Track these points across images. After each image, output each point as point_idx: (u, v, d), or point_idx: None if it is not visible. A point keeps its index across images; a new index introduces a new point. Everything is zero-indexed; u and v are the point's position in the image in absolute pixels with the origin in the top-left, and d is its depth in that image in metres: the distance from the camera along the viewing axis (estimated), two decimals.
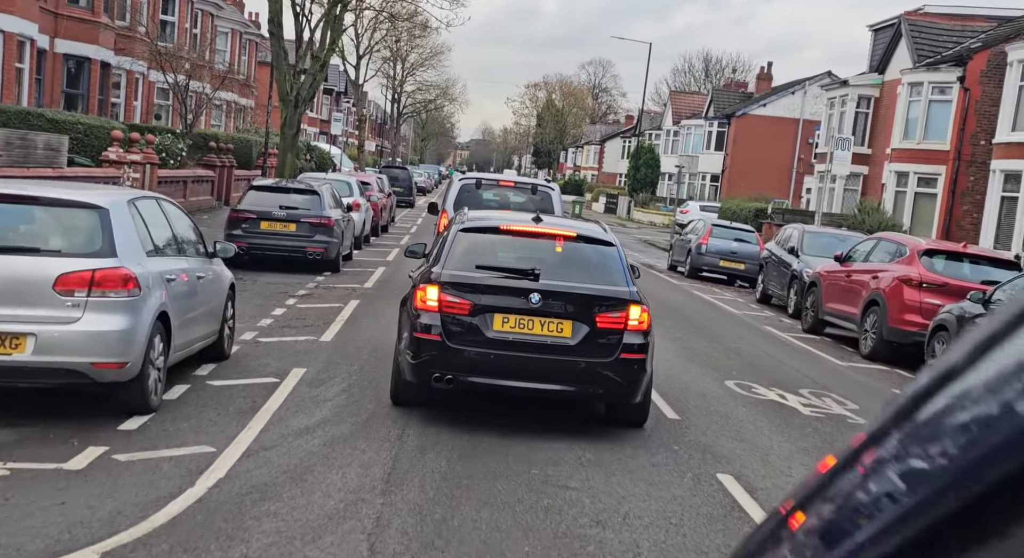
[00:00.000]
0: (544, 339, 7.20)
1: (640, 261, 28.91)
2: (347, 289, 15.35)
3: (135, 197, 7.48)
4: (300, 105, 26.42)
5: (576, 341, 7.22)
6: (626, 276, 7.69)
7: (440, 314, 7.22)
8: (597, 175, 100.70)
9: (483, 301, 7.24)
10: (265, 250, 16.68)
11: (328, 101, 76.29)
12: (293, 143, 26.51)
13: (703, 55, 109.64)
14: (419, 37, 54.95)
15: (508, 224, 8.04)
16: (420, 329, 7.24)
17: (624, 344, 7.27)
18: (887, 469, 0.78)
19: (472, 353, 7.18)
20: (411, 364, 7.35)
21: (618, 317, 7.29)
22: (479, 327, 7.21)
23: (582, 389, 7.40)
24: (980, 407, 0.71)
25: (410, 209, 44.76)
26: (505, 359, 7.17)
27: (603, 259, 7.82)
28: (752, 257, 24.26)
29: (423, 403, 7.90)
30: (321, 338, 10.91)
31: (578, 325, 7.25)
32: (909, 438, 0.77)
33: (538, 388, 7.34)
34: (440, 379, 7.24)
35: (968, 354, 0.76)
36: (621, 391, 7.45)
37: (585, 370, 7.24)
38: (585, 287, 7.42)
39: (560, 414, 8.27)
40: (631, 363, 7.30)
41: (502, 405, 8.17)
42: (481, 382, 7.28)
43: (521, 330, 7.21)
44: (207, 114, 39.82)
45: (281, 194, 17.21)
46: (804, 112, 54.77)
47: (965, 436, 0.71)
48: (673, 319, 16.11)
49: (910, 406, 0.79)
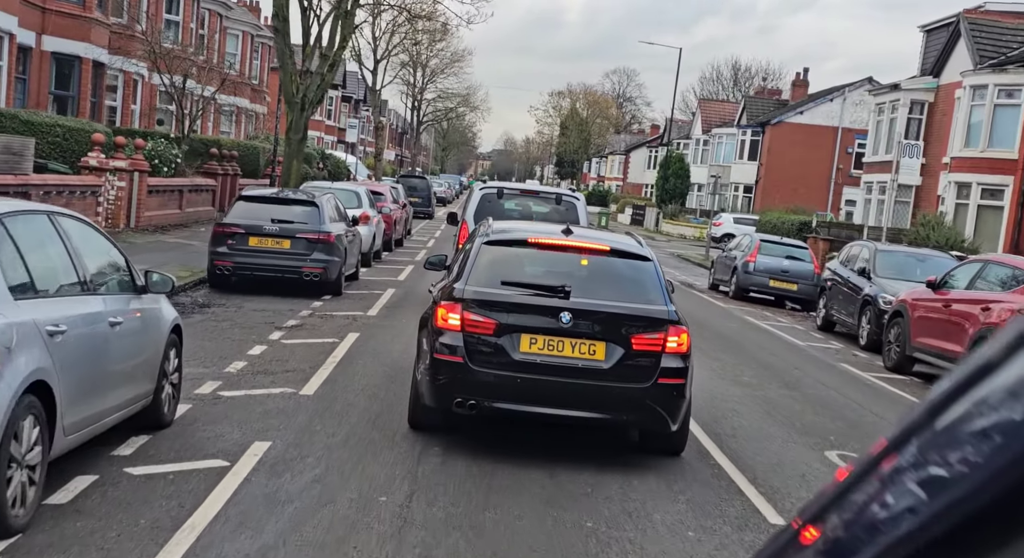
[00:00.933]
0: (575, 362, 6.74)
1: (676, 279, 26.45)
2: (347, 318, 12.99)
3: (4, 212, 5.12)
4: (307, 108, 24.17)
5: (610, 364, 6.76)
6: (664, 294, 7.13)
7: (463, 334, 6.77)
8: (622, 186, 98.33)
9: (509, 320, 6.79)
10: (254, 270, 14.36)
11: (347, 109, 74.36)
12: (300, 149, 24.26)
13: (731, 63, 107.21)
14: (440, 40, 52.76)
15: (536, 236, 7.51)
16: (441, 350, 6.78)
17: (662, 368, 6.78)
18: (906, 477, 0.77)
19: (497, 376, 6.73)
20: (431, 387, 6.90)
21: (656, 338, 6.82)
22: (505, 348, 6.74)
23: (616, 416, 6.91)
24: (1002, 413, 0.70)
25: (429, 220, 42.50)
26: (533, 383, 6.70)
27: (639, 275, 7.27)
28: (805, 276, 21.75)
29: (443, 428, 7.33)
30: (302, 391, 8.51)
31: (612, 347, 6.78)
32: (929, 445, 0.76)
33: (568, 415, 6.86)
34: (462, 404, 6.77)
35: (995, 357, 0.74)
36: (658, 419, 6.92)
37: (619, 396, 6.77)
38: (620, 306, 6.93)
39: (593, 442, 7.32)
40: (670, 388, 6.83)
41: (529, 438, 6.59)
42: (506, 408, 6.81)
43: (550, 352, 6.75)
44: (215, 120, 37.84)
45: (274, 206, 14.88)
46: (843, 120, 52.13)
47: (986, 442, 0.70)
48: (733, 354, 13.63)
49: (930, 413, 0.78)
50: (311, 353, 10.27)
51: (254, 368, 9.29)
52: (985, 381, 0.74)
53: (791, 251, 22.47)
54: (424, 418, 7.32)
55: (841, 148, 52.39)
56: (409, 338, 11.70)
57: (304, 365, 9.60)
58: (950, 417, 0.76)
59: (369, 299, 15.13)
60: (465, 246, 8.12)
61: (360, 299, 15.04)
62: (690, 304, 19.84)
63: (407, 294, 16.30)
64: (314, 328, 11.95)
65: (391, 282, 17.83)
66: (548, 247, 7.38)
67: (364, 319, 13.06)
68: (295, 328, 11.82)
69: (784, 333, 17.02)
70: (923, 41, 35.81)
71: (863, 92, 52.28)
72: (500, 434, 7.51)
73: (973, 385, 0.75)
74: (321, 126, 63.00)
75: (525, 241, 7.46)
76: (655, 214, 59.48)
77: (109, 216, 19.58)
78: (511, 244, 7.48)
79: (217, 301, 13.44)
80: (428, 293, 8.77)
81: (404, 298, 15.72)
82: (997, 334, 0.79)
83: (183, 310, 12.24)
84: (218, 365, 9.24)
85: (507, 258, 7.37)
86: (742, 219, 48.37)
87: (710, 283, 24.95)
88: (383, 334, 11.96)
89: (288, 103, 24.28)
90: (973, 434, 0.72)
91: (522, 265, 7.38)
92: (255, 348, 10.29)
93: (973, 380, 0.76)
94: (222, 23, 38.44)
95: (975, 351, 0.81)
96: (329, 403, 8.16)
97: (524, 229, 8.09)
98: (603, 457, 7.28)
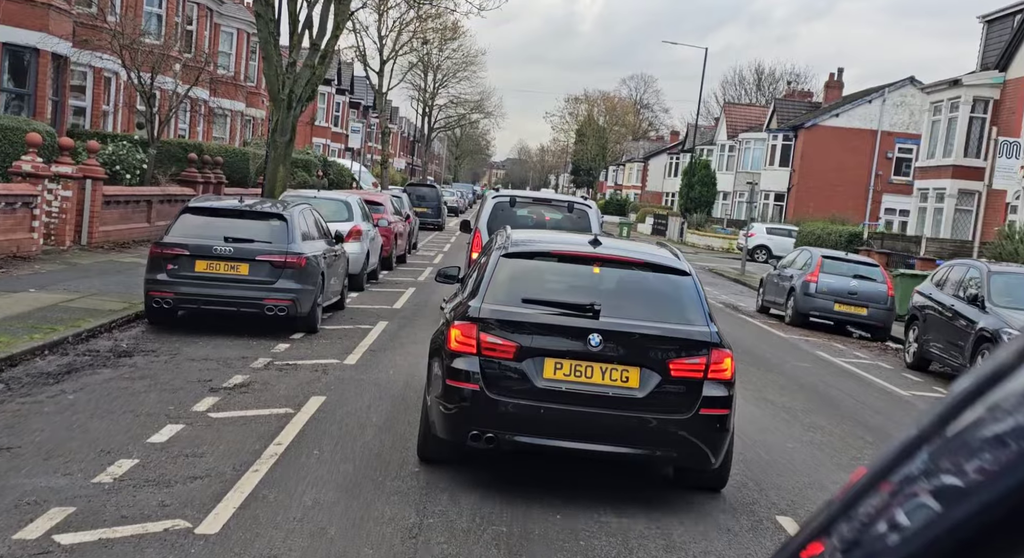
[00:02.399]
0: (606, 390, 6.00)
1: (717, 299, 23.14)
2: (315, 370, 9.74)
3: None
4: (295, 106, 21.00)
5: (645, 393, 6.01)
6: (705, 313, 6.33)
7: (479, 358, 6.04)
8: (640, 194, 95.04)
9: (531, 343, 6.06)
10: (201, 303, 11.16)
11: (355, 115, 71.33)
12: (287, 153, 21.08)
13: (754, 67, 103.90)
14: (451, 39, 49.60)
15: (561, 248, 6.83)
16: (455, 376, 6.06)
17: (704, 397, 6.03)
18: (916, 487, 0.75)
19: (518, 406, 5.98)
20: (443, 417, 6.16)
21: (696, 364, 6.06)
22: (527, 374, 6.02)
23: (652, 451, 6.09)
24: (1018, 417, 0.68)
25: (439, 232, 39.30)
26: (558, 414, 5.96)
27: (676, 292, 6.50)
28: (877, 299, 18.40)
29: (456, 461, 6.59)
30: (200, 528, 5.22)
31: (647, 373, 6.05)
32: (940, 452, 0.74)
33: (598, 450, 6.09)
34: (479, 437, 6.00)
35: (1008, 364, 0.73)
36: (699, 454, 6.09)
37: (656, 428, 5.99)
38: (656, 326, 6.15)
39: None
40: (712, 420, 6.05)
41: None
42: (529, 442, 6.04)
43: (578, 379, 6.02)
44: (206, 125, 34.80)
45: (230, 220, 11.65)
46: (883, 122, 48.65)
47: (1001, 448, 0.68)
48: (828, 415, 10.25)
49: (940, 420, 0.76)
50: (244, 438, 7.01)
51: (144, 474, 6.02)
52: (999, 386, 0.71)
53: (859, 269, 19.10)
54: (436, 450, 6.62)
55: (880, 153, 48.92)
56: (397, 401, 8.47)
57: (225, 464, 6.34)
58: (962, 423, 0.73)
59: (352, 337, 11.89)
60: (480, 258, 7.39)
61: (340, 338, 11.79)
62: (742, 333, 16.56)
63: (403, 327, 13.06)
64: (264, 389, 8.69)
65: (384, 312, 14.58)
66: (574, 259, 6.67)
67: (338, 371, 9.81)
68: (237, 390, 8.57)
69: (871, 375, 13.66)
70: (983, 33, 32.39)
71: (904, 92, 48.89)
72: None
73: (987, 390, 0.72)
74: (327, 133, 60.01)
75: (548, 254, 6.78)
76: (679, 224, 56.00)
77: (51, 232, 16.44)
78: (533, 256, 6.74)
79: (147, 346, 10.22)
80: (440, 309, 7.89)
81: (397, 334, 12.48)
82: (1010, 340, 0.75)
83: (91, 362, 9.04)
84: (87, 468, 6.00)
85: (528, 272, 6.67)
86: (776, 229, 44.97)
87: (759, 305, 21.59)
88: (359, 397, 8.70)
89: (273, 100, 21.13)
90: (987, 440, 0.69)
91: (545, 280, 6.68)
92: (164, 430, 7.04)
93: (987, 385, 0.72)
94: (212, 19, 35.40)
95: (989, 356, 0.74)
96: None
97: (547, 240, 7.38)
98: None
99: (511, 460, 6.74)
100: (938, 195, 31.37)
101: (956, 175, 30.32)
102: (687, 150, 74.59)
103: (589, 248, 6.68)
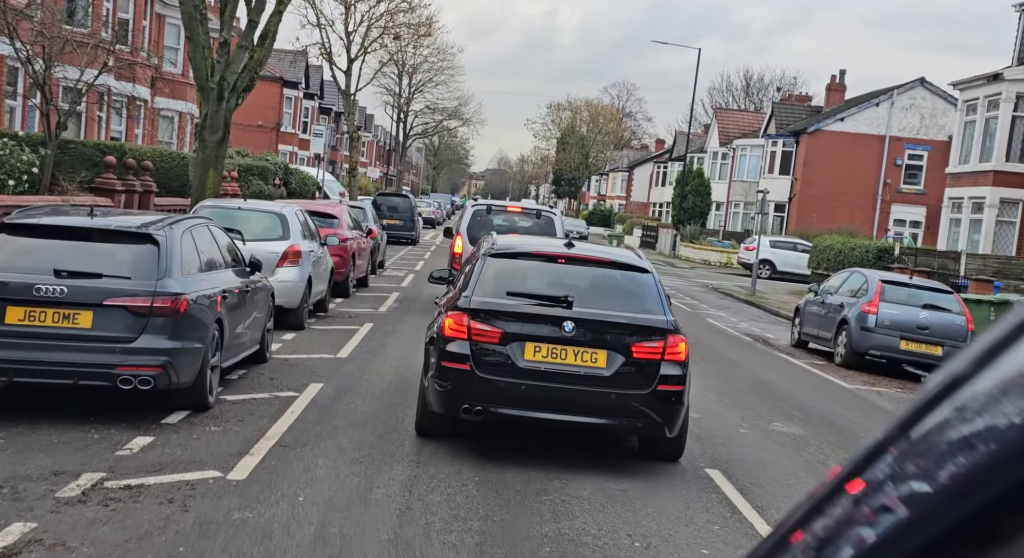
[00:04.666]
0: (577, 369, 6.99)
1: (736, 327, 19.36)
2: (174, 490, 5.79)
3: None
4: (228, 97, 17.06)
5: (611, 372, 7.01)
6: (663, 304, 7.38)
7: (470, 342, 7.00)
8: (625, 205, 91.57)
9: (514, 329, 7.04)
10: (13, 374, 7.18)
11: (326, 122, 67.25)
12: (218, 154, 17.12)
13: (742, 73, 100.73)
14: (424, 35, 45.64)
15: (539, 249, 7.98)
16: (448, 358, 7.01)
17: (661, 375, 7.04)
18: (883, 488, 0.74)
19: (503, 383, 6.96)
20: (439, 394, 7.11)
21: (655, 347, 7.07)
22: (510, 356, 6.99)
23: (617, 422, 7.16)
24: (984, 418, 0.67)
25: (413, 247, 35.36)
26: (537, 390, 6.95)
27: (639, 286, 7.55)
28: (955, 335, 14.67)
29: (450, 434, 7.54)
30: None
31: (613, 355, 7.04)
32: (906, 454, 0.74)
33: (571, 421, 7.10)
34: (469, 410, 6.99)
35: (971, 364, 0.72)
36: (656, 425, 7.15)
37: (620, 402, 7.01)
38: (621, 315, 7.17)
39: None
40: (668, 395, 7.08)
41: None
42: (511, 414, 7.06)
43: (553, 360, 7.01)
44: (150, 127, 30.74)
45: (68, 244, 7.67)
46: (891, 127, 45.16)
47: (967, 449, 0.68)
48: None
49: (908, 421, 0.76)
50: None
51: None
52: (964, 387, 0.71)
53: (928, 297, 15.33)
54: (432, 424, 7.48)
55: (889, 159, 45.44)
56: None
57: None
58: (927, 426, 0.72)
59: (262, 416, 7.94)
60: (470, 259, 8.44)
61: (241, 420, 7.82)
62: (789, 381, 12.91)
63: (343, 394, 9.12)
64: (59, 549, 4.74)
65: (323, 365, 10.62)
66: (551, 259, 7.72)
67: (213, 496, 5.85)
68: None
69: None
70: (1020, 22, 28.91)
71: (914, 95, 45.48)
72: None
73: (952, 391, 0.72)
74: (294, 139, 55.99)
75: (528, 254, 7.81)
76: (671, 236, 52.17)
77: None
78: (515, 256, 7.75)
79: None
80: (435, 305, 9.04)
81: (332, 407, 8.54)
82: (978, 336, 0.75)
83: None
84: None
85: (511, 270, 7.61)
86: (780, 242, 41.33)
87: (795, 338, 17.78)
88: None
89: (201, 89, 17.16)
90: (953, 443, 0.68)
91: (526, 276, 7.62)
92: None
93: (952, 386, 0.72)
94: (153, 8, 31.37)
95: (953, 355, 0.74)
96: None
97: (527, 243, 8.45)
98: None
99: (495, 433, 7.54)
100: (975, 205, 27.79)
101: (997, 182, 26.76)
102: (676, 158, 71.06)
103: (564, 249, 7.76)
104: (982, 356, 0.71)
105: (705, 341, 16.25)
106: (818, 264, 30.62)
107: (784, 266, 39.51)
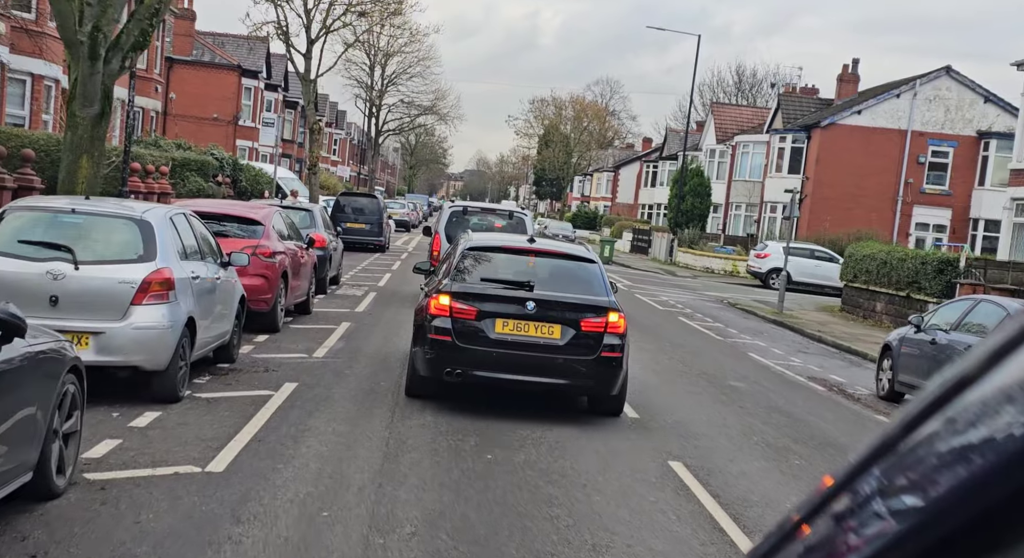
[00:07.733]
0: (537, 340, 8.68)
1: (791, 366, 14.83)
2: None
3: None
4: (106, 54, 12.29)
5: (564, 342, 8.72)
6: (606, 288, 9.14)
7: (451, 318, 8.66)
8: (611, 206, 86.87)
9: (487, 308, 8.72)
10: None
11: (292, 116, 62.23)
12: (93, 135, 12.36)
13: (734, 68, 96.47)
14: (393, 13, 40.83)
15: (507, 244, 9.71)
16: (435, 331, 8.64)
17: (604, 344, 8.74)
18: (871, 501, 0.74)
19: (478, 351, 8.62)
20: (426, 360, 8.77)
21: (599, 322, 8.78)
22: (483, 329, 8.67)
23: (570, 382, 8.85)
24: (977, 429, 0.67)
25: (381, 255, 30.59)
26: (505, 356, 8.63)
27: (587, 274, 9.31)
28: None
29: (434, 395, 9.11)
30: None
31: (566, 328, 8.75)
32: (898, 463, 0.73)
33: (532, 381, 8.78)
34: (451, 373, 8.65)
35: (971, 371, 0.71)
36: (601, 384, 8.92)
37: (571, 366, 8.73)
38: (572, 297, 8.93)
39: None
40: (610, 360, 8.78)
41: None
42: (485, 376, 8.72)
43: (518, 332, 8.69)
44: (34, 104, 24.49)
45: None
46: (914, 121, 40.85)
47: (959, 459, 0.67)
48: None
49: (901, 431, 0.75)
50: None
51: None
52: (957, 398, 0.70)
53: None
54: (420, 386, 9.15)
55: (911, 157, 41.12)
56: None
57: None
58: (918, 437, 0.72)
59: None
60: (450, 252, 10.28)
61: None
62: None
63: None
64: None
65: (199, 458, 5.88)
66: (517, 252, 9.47)
67: None
68: None
69: None
70: None
71: (939, 85, 41.16)
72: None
73: (944, 403, 0.71)
74: (255, 134, 50.85)
75: (499, 247, 9.61)
76: (667, 241, 47.49)
77: None
78: (488, 250, 9.57)
79: None
80: (421, 289, 10.97)
81: None
82: (974, 347, 0.75)
83: None
84: None
85: (484, 261, 9.40)
86: (795, 249, 36.80)
87: (884, 388, 13.16)
88: None
89: (68, 46, 12.34)
90: (943, 455, 0.68)
91: (496, 266, 9.32)
92: None
93: (944, 398, 0.71)
94: None
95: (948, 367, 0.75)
96: None
97: (497, 239, 10.31)
98: None
99: (471, 394, 9.20)
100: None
101: None
102: (667, 157, 66.65)
103: (527, 244, 9.58)
104: (981, 364, 0.69)
105: (775, 400, 11.71)
106: (854, 276, 26.09)
107: (800, 276, 34.99)
